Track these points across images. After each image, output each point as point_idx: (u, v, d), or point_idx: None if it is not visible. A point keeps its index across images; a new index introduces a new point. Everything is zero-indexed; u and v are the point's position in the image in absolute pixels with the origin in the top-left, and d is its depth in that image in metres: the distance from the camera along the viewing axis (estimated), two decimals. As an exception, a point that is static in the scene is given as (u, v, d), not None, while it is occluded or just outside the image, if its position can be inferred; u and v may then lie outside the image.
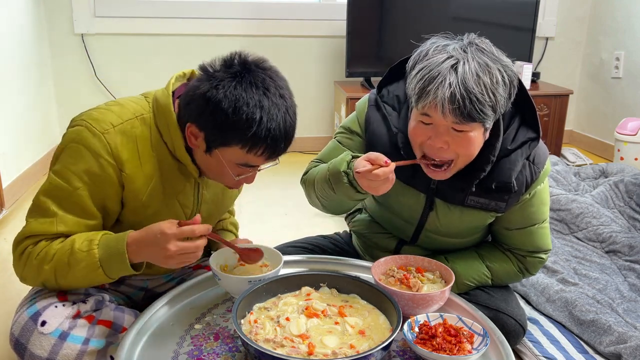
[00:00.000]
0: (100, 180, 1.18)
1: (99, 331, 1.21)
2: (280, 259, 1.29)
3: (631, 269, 1.94)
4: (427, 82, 1.16)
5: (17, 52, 2.78)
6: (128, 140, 1.20)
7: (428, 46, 1.22)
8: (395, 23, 3.27)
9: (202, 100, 1.13)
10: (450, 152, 1.23)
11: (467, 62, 1.16)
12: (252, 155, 1.16)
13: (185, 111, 1.18)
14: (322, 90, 3.63)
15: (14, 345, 1.19)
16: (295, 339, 1.06)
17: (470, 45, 1.20)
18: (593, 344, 1.57)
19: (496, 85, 1.17)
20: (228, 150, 1.16)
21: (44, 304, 1.21)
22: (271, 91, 1.14)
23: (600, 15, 3.64)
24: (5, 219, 2.45)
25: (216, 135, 1.15)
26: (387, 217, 1.50)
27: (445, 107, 1.15)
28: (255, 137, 1.12)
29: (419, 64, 1.20)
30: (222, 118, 1.11)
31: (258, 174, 1.29)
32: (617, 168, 2.71)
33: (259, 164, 1.21)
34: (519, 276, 1.49)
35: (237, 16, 3.37)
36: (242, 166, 1.19)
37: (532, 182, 1.34)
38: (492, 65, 1.17)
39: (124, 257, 1.14)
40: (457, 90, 1.13)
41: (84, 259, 1.15)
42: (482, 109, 1.16)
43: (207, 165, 1.22)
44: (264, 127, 1.12)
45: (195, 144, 1.19)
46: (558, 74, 3.79)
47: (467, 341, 1.10)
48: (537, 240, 1.44)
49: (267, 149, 1.15)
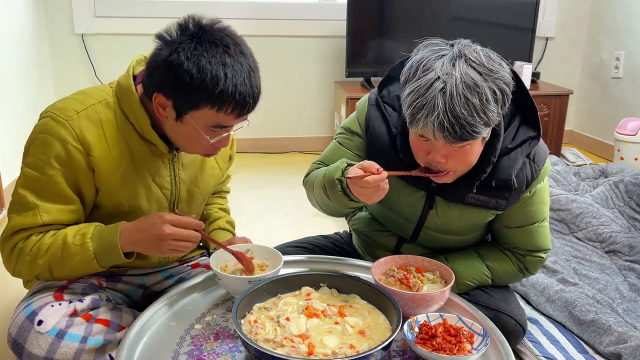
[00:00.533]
0: (70, 166, 1.20)
1: (96, 329, 1.21)
2: (280, 259, 1.30)
3: (631, 269, 1.94)
4: (416, 110, 1.16)
5: (17, 52, 2.78)
6: (93, 124, 1.21)
7: (417, 61, 1.20)
8: (395, 23, 3.27)
9: (165, 66, 1.13)
10: (450, 164, 1.24)
11: (455, 84, 1.13)
12: (223, 114, 1.16)
13: (150, 82, 1.19)
14: (322, 90, 3.63)
15: (12, 345, 1.20)
16: (295, 339, 1.06)
17: (459, 57, 1.16)
18: (593, 344, 1.57)
19: (486, 104, 1.15)
20: (198, 113, 1.16)
21: (40, 304, 1.22)
22: (231, 49, 1.15)
23: (600, 15, 3.64)
24: (5, 219, 2.45)
25: (184, 100, 1.15)
26: (388, 215, 1.50)
27: (437, 134, 1.16)
28: (222, 94, 1.12)
29: (409, 84, 1.19)
30: (187, 80, 1.11)
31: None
32: (617, 168, 2.71)
33: (231, 124, 1.20)
34: (519, 275, 1.49)
35: (237, 16, 3.37)
36: (214, 128, 1.19)
37: (532, 180, 1.34)
38: (482, 83, 1.14)
39: (117, 249, 1.18)
40: (445, 119, 1.13)
41: (78, 252, 1.19)
42: (474, 129, 1.15)
43: (180, 135, 1.22)
44: (230, 83, 1.12)
45: (164, 115, 1.19)
46: (558, 74, 3.79)
47: (467, 341, 1.10)
48: (537, 239, 1.44)
49: (236, 105, 1.15)
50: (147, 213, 1.29)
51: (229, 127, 1.20)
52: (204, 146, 1.22)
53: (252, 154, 3.60)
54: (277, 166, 3.39)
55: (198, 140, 1.21)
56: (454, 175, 1.28)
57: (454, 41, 1.22)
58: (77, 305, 1.23)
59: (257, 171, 3.26)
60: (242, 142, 3.62)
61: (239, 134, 1.33)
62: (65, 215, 1.22)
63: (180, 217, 1.17)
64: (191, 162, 1.37)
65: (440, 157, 1.22)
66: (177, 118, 1.18)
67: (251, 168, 3.31)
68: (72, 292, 1.28)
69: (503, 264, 1.46)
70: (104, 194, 1.25)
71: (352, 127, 1.47)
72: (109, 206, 1.27)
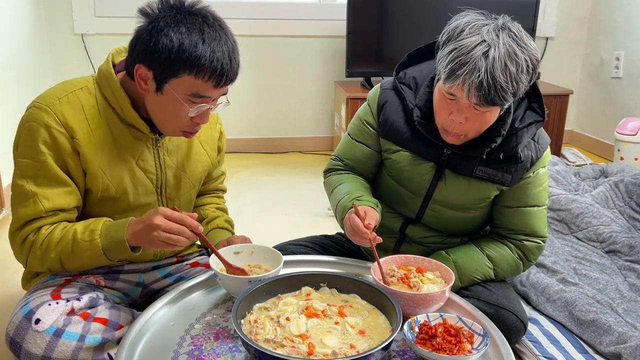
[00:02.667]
0: (57, 150, 1.23)
1: (94, 328, 1.22)
2: (280, 259, 1.30)
3: (631, 269, 1.94)
4: (457, 66, 1.23)
5: (17, 52, 2.78)
6: (74, 109, 1.25)
7: (463, 24, 1.27)
8: (395, 23, 3.27)
9: (147, 35, 1.18)
10: (466, 127, 1.31)
11: (498, 48, 1.21)
12: (201, 81, 1.18)
13: (132, 56, 1.22)
14: (322, 90, 3.63)
15: (10, 344, 1.20)
16: (295, 339, 1.06)
17: (503, 29, 1.25)
18: (593, 344, 1.57)
19: (520, 74, 1.24)
20: (177, 82, 1.19)
21: (37, 303, 1.22)
22: (210, 21, 1.20)
23: (600, 15, 3.64)
24: (5, 219, 2.45)
25: (164, 67, 1.17)
26: (396, 191, 1.54)
27: (471, 92, 1.23)
28: (201, 59, 1.16)
29: (452, 42, 1.26)
30: (167, 46, 1.15)
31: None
32: (617, 168, 2.71)
33: (209, 94, 1.21)
34: (519, 264, 1.51)
35: (237, 16, 3.36)
36: (193, 97, 1.20)
37: (536, 159, 1.43)
38: (520, 54, 1.24)
39: (124, 244, 1.21)
40: (484, 79, 1.21)
41: (88, 248, 1.22)
42: (505, 96, 1.24)
43: (160, 109, 1.24)
44: (208, 49, 1.16)
45: (146, 88, 1.22)
46: (558, 74, 3.79)
47: (467, 341, 1.10)
48: (535, 223, 1.48)
49: (213, 72, 1.17)
50: (133, 198, 1.33)
51: (207, 98, 1.22)
52: (184, 122, 1.24)
53: (252, 154, 3.59)
54: (277, 166, 3.39)
55: (177, 113, 1.23)
56: (464, 139, 1.36)
57: (496, 15, 1.31)
58: (74, 303, 1.24)
59: (257, 171, 3.26)
60: (243, 142, 3.63)
61: (239, 134, 1.34)
62: (65, 198, 1.25)
63: (176, 212, 1.18)
64: (176, 148, 1.40)
65: (462, 118, 1.29)
66: (158, 89, 1.21)
67: (251, 168, 3.31)
68: (70, 291, 1.28)
69: (502, 252, 1.49)
70: (91, 177, 1.28)
71: (363, 116, 1.55)
72: (98, 190, 1.29)
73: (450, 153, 1.42)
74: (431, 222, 1.53)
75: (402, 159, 1.47)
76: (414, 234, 1.54)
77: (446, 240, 1.54)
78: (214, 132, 1.52)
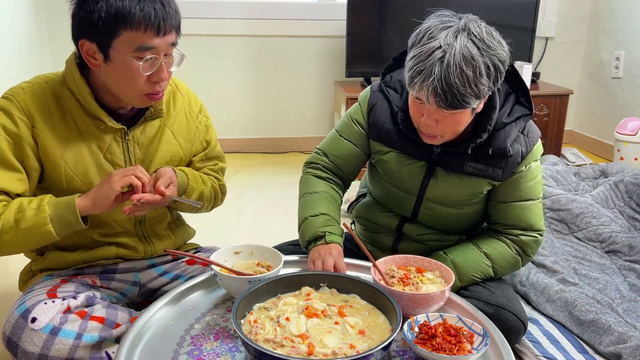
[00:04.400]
0: (15, 137, 1.24)
1: (91, 326, 1.22)
2: (280, 259, 1.30)
3: (631, 269, 1.94)
4: (415, 73, 1.26)
5: (17, 53, 2.78)
6: (38, 99, 1.27)
7: (424, 30, 1.29)
8: (395, 23, 3.27)
9: (78, 8, 1.20)
10: (439, 129, 1.33)
11: (454, 54, 1.22)
12: (140, 33, 1.18)
13: (74, 34, 1.23)
14: (322, 90, 3.63)
15: (6, 343, 1.20)
16: (295, 339, 1.06)
17: (463, 31, 1.25)
18: (593, 344, 1.57)
19: (479, 77, 1.24)
20: (119, 41, 1.19)
21: (34, 302, 1.22)
22: None
23: (600, 15, 3.64)
24: None
25: (103, 33, 1.19)
26: (390, 192, 1.55)
27: (430, 98, 1.25)
28: (131, 9, 1.17)
29: (415, 48, 1.28)
30: (97, 9, 1.17)
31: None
32: (617, 168, 2.71)
33: (154, 44, 1.21)
34: (517, 260, 1.51)
35: (237, 16, 3.37)
36: (139, 52, 1.20)
37: (526, 153, 1.44)
38: (478, 57, 1.23)
39: (73, 206, 1.21)
40: (438, 86, 1.22)
41: (34, 216, 1.20)
42: (464, 99, 1.24)
43: (115, 77, 1.24)
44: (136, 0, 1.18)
45: (96, 63, 1.23)
46: (558, 74, 3.79)
47: (467, 341, 1.10)
48: (531, 217, 1.49)
49: (148, 19, 1.18)
50: None
51: (153, 48, 1.21)
52: (141, 84, 1.24)
53: (252, 154, 3.60)
54: (277, 166, 3.39)
55: (132, 75, 1.22)
56: (441, 140, 1.37)
57: (462, 15, 1.30)
58: (70, 302, 1.24)
59: (257, 171, 3.26)
60: (243, 142, 3.63)
61: (239, 134, 1.33)
62: (14, 183, 1.25)
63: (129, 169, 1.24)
64: (148, 140, 1.39)
65: (431, 121, 1.31)
66: (106, 58, 1.21)
67: (251, 168, 3.31)
68: (66, 290, 1.28)
69: (499, 249, 1.50)
70: (52, 167, 1.29)
71: (354, 115, 1.56)
72: (62, 181, 1.30)
73: (440, 151, 1.44)
74: (427, 220, 1.54)
75: (393, 160, 1.49)
76: (410, 232, 1.55)
77: (443, 238, 1.55)
78: (193, 124, 1.48)
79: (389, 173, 1.52)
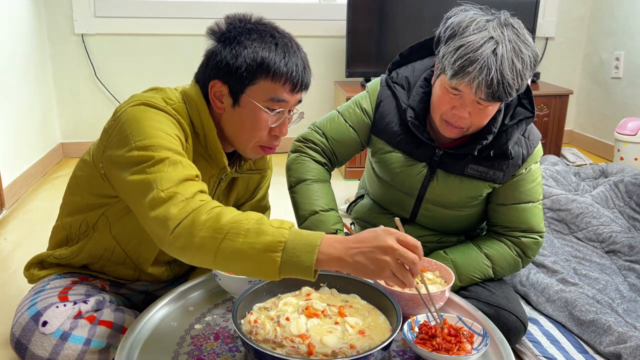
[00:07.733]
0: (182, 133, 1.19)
1: (100, 332, 1.21)
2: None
3: (631, 269, 1.94)
4: (467, 63, 1.23)
5: (17, 53, 2.78)
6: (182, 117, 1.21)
7: (468, 20, 1.27)
8: (395, 23, 3.27)
9: (221, 49, 1.19)
10: (468, 121, 1.33)
11: (505, 46, 1.23)
12: (278, 84, 1.19)
13: (205, 74, 1.22)
14: (322, 90, 3.63)
15: (15, 345, 1.19)
16: (295, 339, 1.06)
17: (506, 25, 1.26)
18: (593, 344, 1.57)
19: (525, 70, 1.26)
20: (254, 89, 1.19)
21: (45, 305, 1.21)
22: (280, 30, 1.24)
23: (600, 15, 3.64)
24: (5, 219, 2.45)
25: (240, 77, 1.18)
26: (389, 193, 1.55)
27: (480, 89, 1.24)
28: (277, 62, 1.17)
29: (459, 38, 1.26)
30: (243, 55, 1.17)
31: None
32: (617, 168, 2.71)
33: (286, 98, 1.21)
34: (517, 262, 1.51)
35: (237, 16, 3.37)
36: (272, 102, 1.20)
37: (527, 155, 1.43)
38: (524, 50, 1.25)
39: (313, 249, 0.95)
40: (495, 76, 1.22)
41: (271, 233, 0.97)
42: (510, 92, 1.25)
43: (238, 123, 1.22)
44: (282, 53, 1.18)
45: (221, 106, 1.22)
46: (558, 74, 3.79)
47: (467, 341, 1.10)
48: (531, 219, 1.49)
49: (290, 75, 1.18)
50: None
51: (284, 102, 1.21)
52: (263, 134, 1.23)
53: (252, 154, 3.59)
54: (277, 166, 3.38)
55: (257, 124, 1.21)
56: (464, 132, 1.37)
57: (494, 11, 1.31)
58: (81, 306, 1.23)
59: (257, 171, 3.25)
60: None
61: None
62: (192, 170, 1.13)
63: (405, 234, 0.98)
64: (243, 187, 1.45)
65: (465, 113, 1.31)
66: (235, 103, 1.20)
67: (251, 168, 3.30)
68: (77, 293, 1.28)
69: (500, 250, 1.50)
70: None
71: (362, 103, 1.55)
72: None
73: (442, 153, 1.43)
74: (425, 222, 1.54)
75: (395, 160, 1.49)
76: (409, 234, 1.53)
77: (442, 239, 1.55)
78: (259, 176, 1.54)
79: (390, 174, 1.51)
